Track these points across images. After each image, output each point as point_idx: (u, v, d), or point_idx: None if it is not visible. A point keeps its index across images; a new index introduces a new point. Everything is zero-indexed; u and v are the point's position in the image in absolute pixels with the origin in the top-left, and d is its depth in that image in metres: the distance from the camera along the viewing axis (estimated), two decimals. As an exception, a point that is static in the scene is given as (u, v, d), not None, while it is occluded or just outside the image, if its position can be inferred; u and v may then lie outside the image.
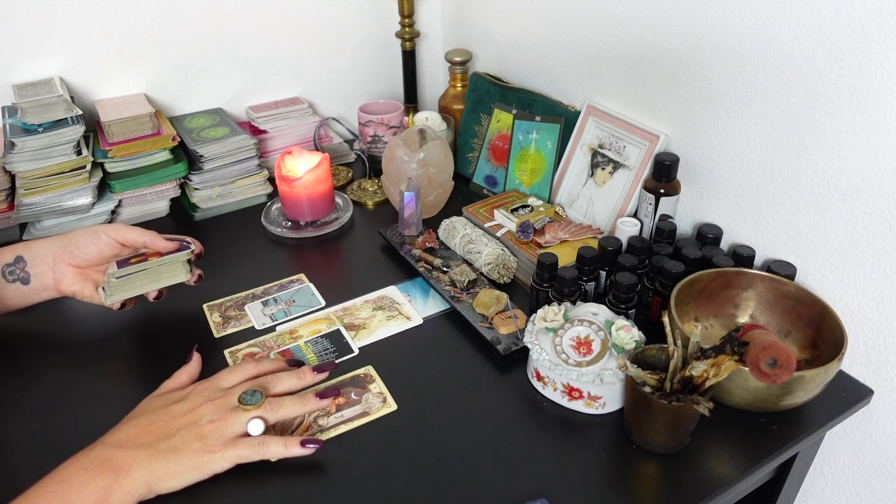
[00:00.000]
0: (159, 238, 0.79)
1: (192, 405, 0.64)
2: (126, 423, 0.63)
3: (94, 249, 0.77)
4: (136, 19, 1.10)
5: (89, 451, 0.59)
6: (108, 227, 0.78)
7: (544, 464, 0.66)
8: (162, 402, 0.65)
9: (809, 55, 0.72)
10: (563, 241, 0.91)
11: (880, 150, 0.69)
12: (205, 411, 0.63)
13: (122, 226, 0.78)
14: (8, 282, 0.76)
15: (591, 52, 1.02)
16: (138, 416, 0.63)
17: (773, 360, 0.60)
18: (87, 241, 0.77)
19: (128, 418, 0.64)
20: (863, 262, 0.74)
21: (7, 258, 0.76)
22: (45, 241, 0.78)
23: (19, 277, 0.76)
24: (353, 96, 1.37)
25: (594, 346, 0.70)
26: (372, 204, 1.15)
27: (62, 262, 0.77)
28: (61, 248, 0.77)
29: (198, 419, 0.62)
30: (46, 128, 0.96)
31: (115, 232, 0.77)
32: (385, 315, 0.86)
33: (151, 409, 0.64)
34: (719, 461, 0.66)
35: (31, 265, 0.77)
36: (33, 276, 0.77)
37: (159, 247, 0.78)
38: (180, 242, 0.80)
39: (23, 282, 0.76)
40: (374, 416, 0.71)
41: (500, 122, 1.12)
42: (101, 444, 0.60)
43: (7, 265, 0.76)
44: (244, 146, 1.09)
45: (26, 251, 0.77)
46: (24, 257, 0.77)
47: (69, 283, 0.78)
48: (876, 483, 0.82)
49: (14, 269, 0.76)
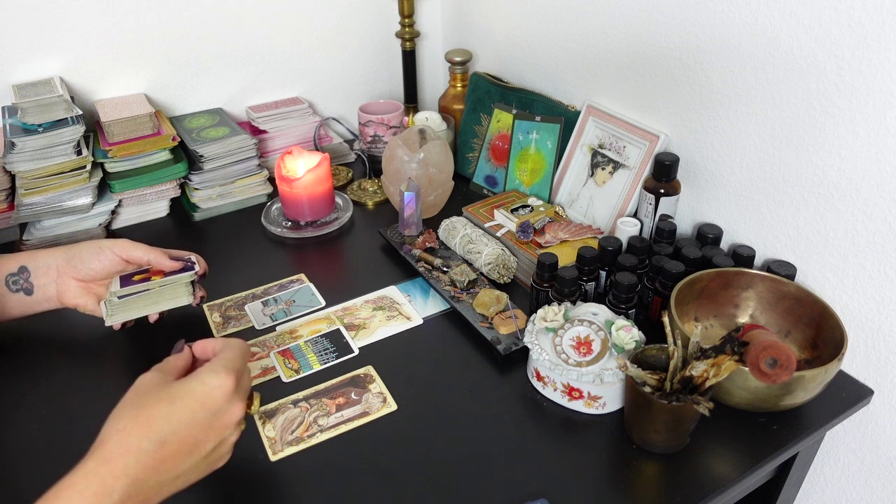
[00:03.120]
0: (164, 257, 0.77)
1: (226, 443, 0.58)
2: (147, 446, 0.52)
3: (98, 265, 0.76)
4: (136, 19, 1.10)
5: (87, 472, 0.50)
6: (113, 244, 0.76)
7: (544, 464, 0.66)
8: (205, 421, 0.55)
9: (809, 55, 0.72)
10: (563, 241, 0.91)
11: (880, 150, 0.69)
12: (230, 444, 0.58)
13: (127, 243, 0.77)
14: (11, 291, 0.75)
15: (591, 52, 1.02)
16: (164, 443, 0.53)
17: (773, 360, 0.60)
18: (90, 257, 0.75)
19: (156, 432, 0.53)
20: (863, 262, 0.74)
21: (11, 268, 0.76)
22: (50, 252, 0.77)
23: (23, 288, 0.76)
24: (353, 96, 1.37)
25: (594, 346, 0.70)
26: (372, 204, 1.15)
27: (66, 275, 0.76)
28: (65, 261, 0.76)
29: (224, 454, 0.58)
30: (46, 128, 0.96)
31: (119, 249, 0.76)
32: (385, 315, 0.86)
33: (189, 428, 0.55)
34: (719, 461, 0.66)
35: (34, 276, 0.76)
36: (37, 287, 0.76)
37: (164, 266, 0.77)
38: (185, 263, 0.79)
39: (26, 292, 0.76)
40: (374, 416, 0.71)
41: (500, 122, 1.12)
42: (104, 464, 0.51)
43: (11, 275, 0.75)
44: (244, 146, 1.09)
45: (31, 261, 0.76)
46: (29, 268, 0.76)
47: (72, 296, 0.77)
48: (876, 483, 0.82)
49: (18, 279, 0.75)
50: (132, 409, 0.54)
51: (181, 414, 0.54)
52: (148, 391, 0.55)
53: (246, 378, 0.60)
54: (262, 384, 0.76)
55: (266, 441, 0.68)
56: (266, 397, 0.74)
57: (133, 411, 0.54)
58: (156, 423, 0.53)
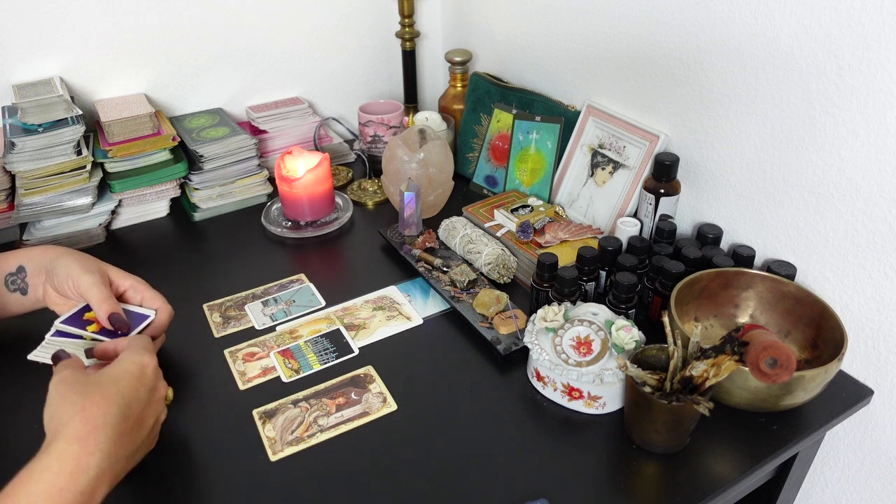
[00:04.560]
0: (104, 314, 0.70)
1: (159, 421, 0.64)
2: (112, 421, 0.55)
3: (65, 288, 0.73)
4: (136, 19, 1.10)
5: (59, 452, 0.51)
6: (77, 276, 0.71)
7: (544, 464, 0.66)
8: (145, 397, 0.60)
9: (809, 55, 0.72)
10: (563, 241, 0.91)
11: (880, 150, 0.69)
12: (160, 423, 0.64)
13: (88, 281, 0.71)
14: (10, 291, 0.76)
15: (591, 52, 1.02)
16: (125, 417, 0.56)
17: (773, 360, 0.60)
18: (60, 279, 0.72)
19: (115, 407, 0.56)
20: (863, 262, 0.74)
21: (10, 267, 0.76)
22: (44, 253, 0.76)
23: (19, 287, 0.76)
24: (353, 96, 1.37)
25: (594, 346, 0.70)
26: (372, 204, 1.15)
27: (47, 282, 0.75)
28: (48, 271, 0.74)
29: (156, 434, 0.64)
30: (46, 128, 0.96)
31: (77, 284, 0.71)
32: (385, 315, 0.86)
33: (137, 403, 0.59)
34: (719, 461, 0.66)
35: (29, 276, 0.76)
36: (30, 287, 0.76)
37: (101, 322, 0.71)
38: (122, 327, 0.70)
39: (22, 292, 0.76)
40: (374, 416, 0.71)
41: (500, 122, 1.12)
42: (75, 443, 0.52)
43: (10, 274, 0.76)
44: (244, 146, 1.09)
45: (28, 261, 0.76)
46: (26, 268, 0.76)
47: (51, 302, 0.76)
48: (876, 483, 0.82)
49: (15, 278, 0.76)
50: (77, 395, 0.55)
51: (128, 390, 0.58)
52: (78, 380, 0.57)
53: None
54: (263, 384, 0.76)
55: (266, 441, 0.68)
56: (266, 397, 0.74)
57: (80, 396, 0.55)
58: (111, 399, 0.56)
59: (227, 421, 0.71)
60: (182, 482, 0.64)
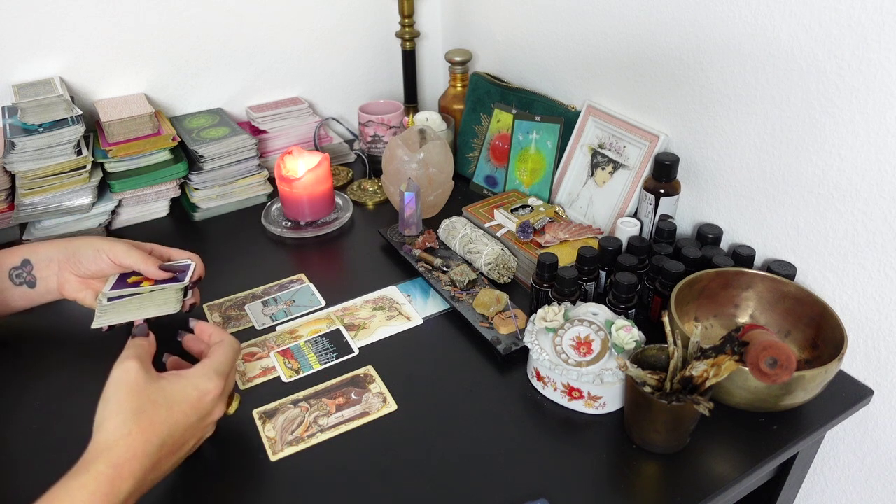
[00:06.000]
0: (154, 267, 0.77)
1: (202, 439, 0.64)
2: (151, 450, 0.56)
3: (94, 267, 0.77)
4: (136, 19, 1.10)
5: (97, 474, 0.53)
6: (110, 247, 0.76)
7: (544, 464, 0.66)
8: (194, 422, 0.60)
9: (809, 55, 0.72)
10: (563, 241, 0.91)
11: (880, 150, 0.69)
12: (204, 440, 0.65)
13: (122, 248, 0.76)
14: (15, 285, 0.77)
15: (591, 52, 1.02)
16: (163, 445, 0.57)
17: (773, 360, 0.60)
18: (88, 259, 0.76)
19: (158, 437, 0.57)
20: (863, 262, 0.74)
21: (14, 261, 0.77)
22: (51, 245, 0.78)
23: (26, 281, 0.77)
24: (353, 96, 1.37)
25: (594, 346, 0.70)
26: (372, 204, 1.15)
27: (65, 270, 0.77)
28: (65, 257, 0.77)
29: (194, 448, 0.63)
30: (46, 128, 0.96)
31: (114, 254, 0.76)
32: (385, 315, 0.86)
33: (181, 430, 0.59)
34: (719, 461, 0.66)
35: (37, 269, 0.77)
36: (39, 279, 0.77)
37: (152, 276, 0.77)
38: (175, 273, 0.79)
39: (29, 285, 0.77)
40: (374, 416, 0.71)
41: (500, 122, 1.12)
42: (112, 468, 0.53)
43: (14, 268, 0.77)
44: (244, 146, 1.09)
45: (33, 255, 0.77)
46: (31, 261, 0.77)
47: (71, 290, 0.78)
48: (876, 483, 0.82)
49: (21, 272, 0.77)
50: (133, 414, 0.57)
51: (178, 418, 0.59)
52: (142, 391, 0.58)
53: (231, 379, 0.66)
54: (262, 384, 0.76)
55: (266, 441, 0.68)
56: (266, 397, 0.74)
57: (135, 416, 0.57)
58: (157, 427, 0.57)
59: (227, 421, 0.71)
60: (182, 482, 0.64)
